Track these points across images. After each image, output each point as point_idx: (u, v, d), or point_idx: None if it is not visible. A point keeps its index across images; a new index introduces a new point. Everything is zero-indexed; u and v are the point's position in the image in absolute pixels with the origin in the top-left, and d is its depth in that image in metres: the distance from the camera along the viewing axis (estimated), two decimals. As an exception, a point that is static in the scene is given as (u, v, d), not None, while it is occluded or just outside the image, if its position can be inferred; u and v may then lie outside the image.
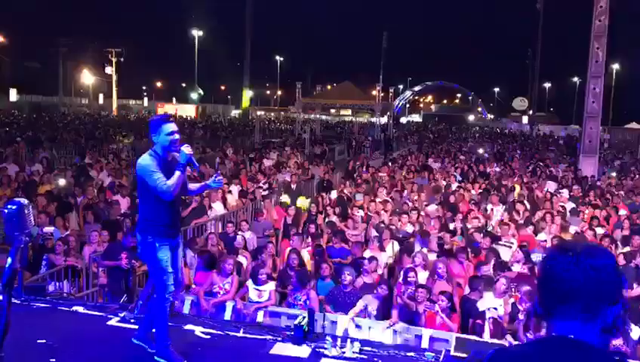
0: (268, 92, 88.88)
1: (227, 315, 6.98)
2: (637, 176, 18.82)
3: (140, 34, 72.64)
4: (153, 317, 4.57)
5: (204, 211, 11.60)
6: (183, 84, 78.25)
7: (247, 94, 51.79)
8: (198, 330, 5.12)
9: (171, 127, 4.50)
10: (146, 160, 4.43)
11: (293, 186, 14.85)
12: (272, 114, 70.63)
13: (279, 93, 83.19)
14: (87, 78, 57.32)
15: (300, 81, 36.75)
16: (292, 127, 42.04)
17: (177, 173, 4.41)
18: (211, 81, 78.04)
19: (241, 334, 4.85)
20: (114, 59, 51.38)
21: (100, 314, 5.34)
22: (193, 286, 7.46)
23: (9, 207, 2.31)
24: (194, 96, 62.97)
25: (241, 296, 7.27)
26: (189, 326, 5.19)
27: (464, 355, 4.28)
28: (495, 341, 5.84)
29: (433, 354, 4.72)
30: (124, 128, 33.48)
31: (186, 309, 7.01)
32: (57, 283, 8.20)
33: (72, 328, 5.03)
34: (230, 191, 13.29)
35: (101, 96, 59.84)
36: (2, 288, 2.31)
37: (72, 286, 8.28)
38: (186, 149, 4.50)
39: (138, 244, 4.63)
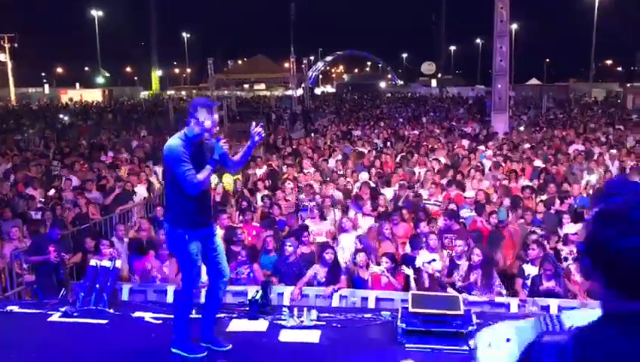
0: (177, 70, 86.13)
1: (169, 299, 6.79)
2: (544, 128, 19.94)
3: (34, 17, 68.06)
4: (175, 309, 4.40)
5: (128, 197, 11.18)
6: (86, 68, 74.43)
7: (157, 74, 50.12)
8: (148, 316, 4.94)
9: (215, 115, 4.30)
10: (176, 146, 4.15)
11: (216, 165, 14.55)
12: (184, 92, 68.68)
13: (189, 70, 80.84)
14: (-22, 66, 53.14)
15: (210, 57, 35.85)
16: (206, 105, 41.00)
17: (208, 168, 4.21)
18: (116, 63, 74.76)
19: (195, 315, 4.71)
20: (7, 45, 47.87)
21: (39, 311, 5.03)
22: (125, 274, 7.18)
23: None
24: (99, 79, 60.12)
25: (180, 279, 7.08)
26: (137, 314, 4.99)
27: (423, 311, 4.39)
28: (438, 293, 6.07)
29: (389, 313, 4.82)
30: (27, 117, 31.51)
31: (125, 296, 6.74)
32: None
33: (11, 329, 4.71)
34: (156, 173, 12.86)
35: (-4, 85, 55.83)
36: None
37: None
38: (224, 145, 4.31)
39: (166, 235, 4.44)
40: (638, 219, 1.23)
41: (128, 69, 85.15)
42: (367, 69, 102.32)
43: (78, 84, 68.15)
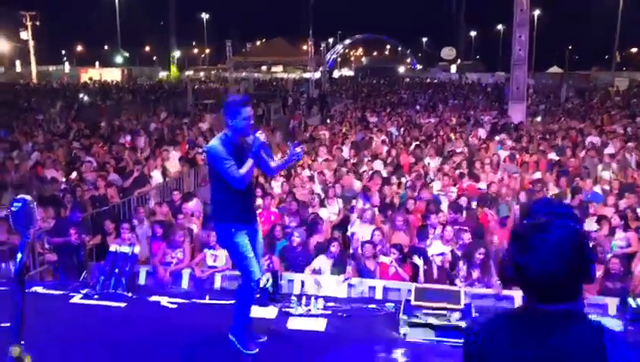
0: (195, 50, 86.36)
1: (184, 283, 7.04)
2: (562, 119, 19.85)
3: (55, -5, 68.48)
4: (237, 299, 4.48)
5: (146, 180, 11.41)
6: (106, 47, 74.89)
7: (175, 54, 50.35)
8: (164, 300, 5.19)
9: (248, 111, 4.35)
10: (215, 146, 4.29)
11: (232, 149, 14.66)
12: (202, 73, 68.94)
13: (207, 51, 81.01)
14: (1, 45, 53.82)
15: (228, 38, 35.92)
16: (224, 86, 41.28)
17: (250, 162, 4.30)
18: (135, 43, 75.02)
19: (207, 301, 4.95)
20: (29, 24, 48.36)
21: (61, 292, 5.30)
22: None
23: (15, 204, 2.33)
24: (118, 59, 60.54)
25: (196, 262, 7.33)
26: (153, 298, 5.24)
27: (425, 304, 4.58)
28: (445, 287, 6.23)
29: (393, 305, 5.01)
30: (48, 96, 31.96)
31: (142, 280, 7.00)
32: (2, 264, 7.99)
33: (35, 308, 4.98)
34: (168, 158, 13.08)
35: (18, 63, 56.53)
36: (15, 281, 2.33)
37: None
38: (261, 136, 4.38)
39: (215, 231, 4.62)
40: (533, 244, 1.61)
41: (147, 49, 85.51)
42: (387, 52, 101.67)
43: (97, 63, 68.76)
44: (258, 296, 4.84)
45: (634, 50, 77.62)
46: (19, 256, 2.30)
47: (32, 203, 2.34)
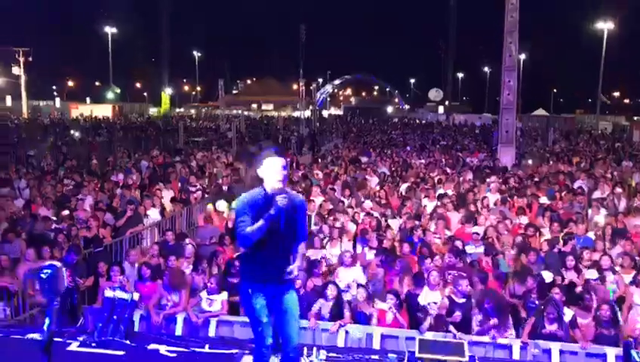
0: (186, 88, 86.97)
1: (178, 327, 6.94)
2: (550, 162, 20.09)
3: (48, 31, 68.96)
4: None
5: (139, 219, 11.34)
6: (97, 83, 75.20)
7: (167, 91, 50.63)
8: (163, 349, 5.11)
9: (278, 171, 4.14)
10: (241, 198, 4.17)
11: (225, 188, 14.67)
12: (193, 110, 69.31)
13: (198, 88, 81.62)
14: (-8, 79, 53.90)
15: (219, 76, 36.48)
16: (215, 124, 41.51)
17: (260, 223, 4.02)
18: (126, 79, 75.43)
19: (207, 350, 4.87)
20: (21, 59, 48.56)
21: (58, 339, 5.19)
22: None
23: (45, 271, 2.30)
24: (109, 95, 60.74)
25: (192, 306, 7.24)
26: (152, 346, 5.16)
27: (430, 356, 4.55)
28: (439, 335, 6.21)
29: (395, 356, 4.97)
30: (39, 132, 31.90)
31: (136, 325, 6.90)
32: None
33: (33, 358, 4.87)
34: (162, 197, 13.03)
35: (8, 98, 56.52)
36: (43, 349, 2.29)
37: (7, 307, 7.94)
38: (281, 201, 4.08)
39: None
40: None
41: (138, 85, 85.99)
42: (375, 92, 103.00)
43: (88, 99, 68.90)
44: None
45: (616, 94, 79.42)
46: (46, 321, 2.27)
47: (62, 269, 2.32)
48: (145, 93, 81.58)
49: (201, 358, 5.01)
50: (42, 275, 2.28)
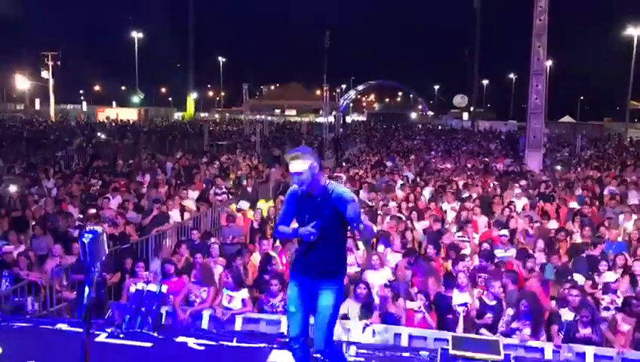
0: (211, 93, 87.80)
1: (204, 323, 6.91)
2: (579, 169, 19.75)
3: (76, 36, 70.31)
4: None
5: (165, 219, 11.40)
6: (123, 87, 76.31)
7: (192, 96, 51.09)
8: (191, 342, 5.07)
9: (292, 166, 4.03)
10: (289, 189, 4.20)
11: (249, 189, 14.75)
12: (217, 115, 69.86)
13: (222, 94, 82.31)
14: (22, 82, 54.93)
15: (243, 81, 36.61)
16: (238, 128, 41.75)
17: (288, 230, 4.15)
18: (151, 84, 76.52)
19: (235, 343, 4.82)
20: (50, 63, 49.47)
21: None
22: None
23: (86, 236, 2.23)
24: (135, 99, 61.52)
25: (218, 303, 7.21)
26: (180, 339, 5.13)
27: (464, 354, 4.43)
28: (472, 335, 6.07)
29: (428, 354, 4.86)
30: (66, 134, 32.39)
31: (163, 320, 6.88)
32: (20, 300, 7.90)
33: (62, 347, 4.88)
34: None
35: (37, 101, 57.58)
36: (83, 319, 2.25)
37: (36, 302, 8.01)
38: (303, 231, 3.98)
39: None
40: None
41: (163, 90, 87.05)
42: (398, 99, 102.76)
43: (114, 103, 69.94)
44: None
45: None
46: (86, 290, 2.21)
47: (103, 234, 2.26)
48: (170, 98, 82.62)
49: (229, 352, 4.96)
50: (84, 239, 2.21)
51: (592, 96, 76.83)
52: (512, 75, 72.06)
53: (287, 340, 4.16)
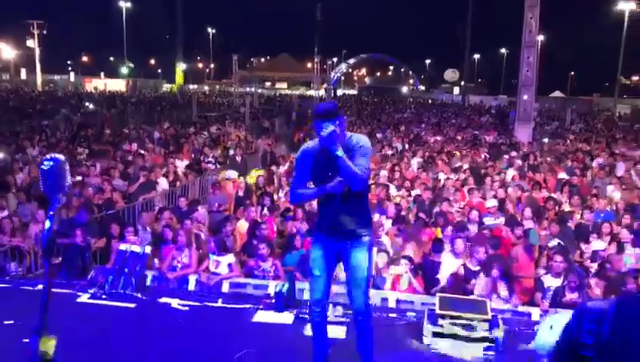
0: (200, 65, 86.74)
1: (191, 288, 6.85)
2: (568, 141, 19.79)
3: (63, 5, 68.98)
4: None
5: (152, 186, 11.28)
6: (111, 58, 75.19)
7: (180, 67, 50.45)
8: (175, 303, 5.00)
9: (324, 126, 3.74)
10: (300, 149, 3.96)
11: (238, 159, 14.68)
12: (206, 87, 69.14)
13: (212, 66, 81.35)
14: (7, 52, 53.94)
15: (233, 53, 36.10)
16: (228, 100, 41.36)
17: (312, 191, 3.91)
18: (140, 55, 75.43)
19: (220, 304, 4.76)
20: (36, 32, 48.50)
21: (68, 291, 5.11)
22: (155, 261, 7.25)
23: (46, 163, 2.09)
24: (123, 70, 60.68)
25: (203, 268, 7.15)
26: (163, 299, 5.06)
27: (451, 313, 4.39)
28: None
29: (415, 314, 4.82)
30: (53, 103, 31.95)
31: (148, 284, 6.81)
32: (6, 265, 7.82)
33: (38, 307, 4.78)
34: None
35: (23, 71, 56.61)
36: (43, 253, 2.13)
37: (19, 267, 7.92)
38: (324, 132, 3.69)
39: None
40: None
41: (152, 62, 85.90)
42: (390, 73, 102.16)
43: (102, 74, 69.00)
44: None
45: (635, 78, 78.13)
46: (47, 223, 2.08)
47: (65, 163, 2.11)
48: (159, 70, 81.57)
49: (214, 312, 4.90)
50: (44, 166, 2.08)
51: (582, 72, 76.76)
52: (503, 50, 71.71)
53: (312, 305, 3.92)
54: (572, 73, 76.15)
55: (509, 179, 12.07)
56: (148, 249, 5.99)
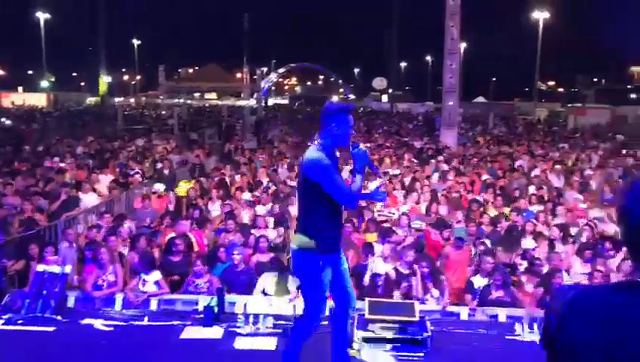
0: (126, 77, 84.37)
1: (117, 308, 6.59)
2: (491, 145, 20.55)
3: (-26, 16, 65.40)
4: (292, 336, 3.99)
5: (75, 204, 10.85)
6: (30, 71, 71.96)
7: (105, 79, 48.92)
8: (99, 323, 4.78)
9: (351, 119, 3.90)
10: (320, 157, 3.71)
11: (166, 172, 14.38)
12: (132, 100, 67.29)
13: (138, 78, 79.31)
14: None
15: (160, 64, 35.47)
16: (156, 112, 40.46)
17: (359, 178, 3.87)
18: (62, 68, 72.59)
19: (146, 322, 4.59)
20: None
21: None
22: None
23: None
24: (44, 83, 58.19)
25: (130, 288, 6.90)
26: (86, 321, 4.82)
27: (380, 317, 4.43)
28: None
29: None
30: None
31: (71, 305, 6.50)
32: None
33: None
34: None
35: None
36: None
37: None
38: (365, 148, 3.96)
39: (295, 258, 3.90)
40: None
41: (74, 74, 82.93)
42: (320, 82, 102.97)
43: (20, 88, 65.87)
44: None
45: (551, 83, 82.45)
46: None
47: None
48: (82, 83, 78.79)
49: (140, 331, 4.72)
50: None
51: (503, 78, 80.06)
52: (429, 58, 73.75)
53: (310, 321, 3.98)
54: (494, 79, 79.30)
55: (435, 183, 12.41)
56: (68, 268, 5.71)
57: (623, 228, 1.48)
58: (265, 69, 71.87)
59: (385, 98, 64.46)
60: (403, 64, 78.05)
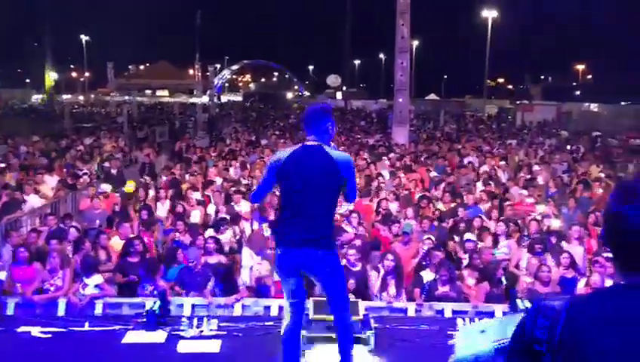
0: (74, 74, 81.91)
1: (60, 312, 6.41)
2: (441, 141, 20.90)
3: None
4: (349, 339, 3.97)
5: (18, 205, 10.48)
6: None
7: (51, 76, 47.42)
8: (36, 331, 4.64)
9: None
10: (349, 157, 3.88)
11: (114, 172, 14.04)
12: (81, 97, 65.45)
13: (87, 75, 77.22)
14: None
15: (109, 60, 34.66)
16: (105, 110, 39.49)
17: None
18: (4, 64, 70.01)
19: (87, 328, 4.48)
20: None
21: None
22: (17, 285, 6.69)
23: None
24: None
25: (74, 291, 6.71)
26: (22, 329, 4.67)
27: (324, 317, 4.44)
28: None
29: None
30: None
31: (10, 312, 6.28)
32: None
33: None
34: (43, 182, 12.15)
35: None
36: None
37: None
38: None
39: (328, 260, 3.80)
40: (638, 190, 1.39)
41: (19, 70, 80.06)
42: (274, 79, 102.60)
43: (-40, 85, 63.25)
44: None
45: (501, 80, 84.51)
46: None
47: None
48: (27, 80, 76.14)
49: (80, 337, 4.60)
50: None
51: (454, 75, 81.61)
52: (382, 55, 74.43)
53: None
54: (445, 76, 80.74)
55: (387, 180, 12.54)
56: (2, 275, 5.51)
57: (615, 233, 1.44)
58: (218, 66, 71.12)
59: (339, 95, 64.76)
60: (357, 62, 78.53)
